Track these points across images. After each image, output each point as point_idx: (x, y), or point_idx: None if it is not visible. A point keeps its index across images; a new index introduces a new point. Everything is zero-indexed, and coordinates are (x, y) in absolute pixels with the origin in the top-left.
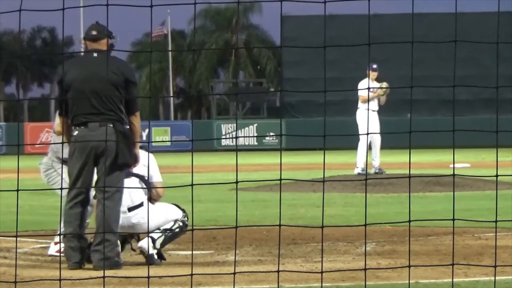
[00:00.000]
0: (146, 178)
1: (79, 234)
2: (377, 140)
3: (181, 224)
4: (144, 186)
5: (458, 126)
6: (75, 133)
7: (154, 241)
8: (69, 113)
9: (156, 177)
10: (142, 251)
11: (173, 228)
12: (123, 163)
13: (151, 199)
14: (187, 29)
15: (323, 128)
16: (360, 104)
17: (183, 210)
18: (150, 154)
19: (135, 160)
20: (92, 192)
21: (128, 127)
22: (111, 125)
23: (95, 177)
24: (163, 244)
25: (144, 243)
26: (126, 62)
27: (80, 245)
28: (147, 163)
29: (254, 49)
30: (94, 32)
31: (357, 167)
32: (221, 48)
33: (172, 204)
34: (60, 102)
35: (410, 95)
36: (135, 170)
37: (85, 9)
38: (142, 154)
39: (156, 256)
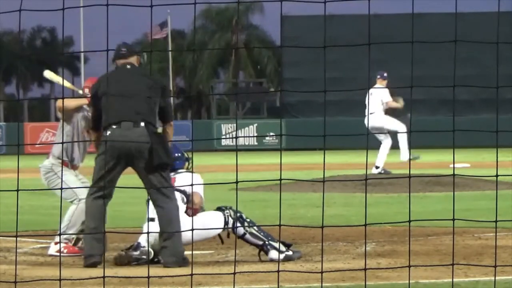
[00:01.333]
0: (187, 193)
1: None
2: (387, 142)
3: (243, 222)
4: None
5: (458, 126)
6: (108, 133)
7: (274, 247)
8: (103, 121)
9: (195, 189)
10: (274, 260)
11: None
12: (159, 163)
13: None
14: (187, 29)
15: (323, 128)
16: (377, 109)
17: (220, 209)
18: (198, 176)
19: (171, 159)
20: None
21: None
22: (143, 126)
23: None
24: (274, 238)
25: (273, 254)
26: (158, 76)
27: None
28: (190, 182)
29: (254, 49)
30: (124, 50)
31: (378, 167)
32: (221, 48)
33: (214, 210)
34: (94, 118)
35: (410, 95)
36: (176, 184)
37: (85, 9)
38: (189, 176)
39: (290, 252)
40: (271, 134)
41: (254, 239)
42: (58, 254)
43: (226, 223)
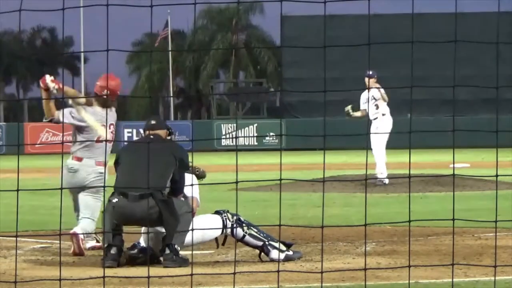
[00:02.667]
0: (186, 196)
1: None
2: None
3: (241, 224)
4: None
5: (458, 126)
6: (115, 200)
7: (274, 247)
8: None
9: (195, 194)
10: (275, 260)
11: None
12: (171, 230)
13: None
14: (187, 29)
15: (323, 128)
16: (379, 110)
17: (218, 213)
18: (194, 177)
19: (178, 220)
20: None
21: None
22: (150, 198)
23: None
24: (274, 238)
25: (274, 254)
26: (182, 147)
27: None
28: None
29: (254, 49)
30: (153, 122)
31: (382, 173)
32: (221, 48)
33: (212, 214)
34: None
35: (410, 95)
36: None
37: (85, 9)
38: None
39: (290, 252)
40: (271, 134)
41: (254, 240)
42: (99, 244)
43: (224, 226)
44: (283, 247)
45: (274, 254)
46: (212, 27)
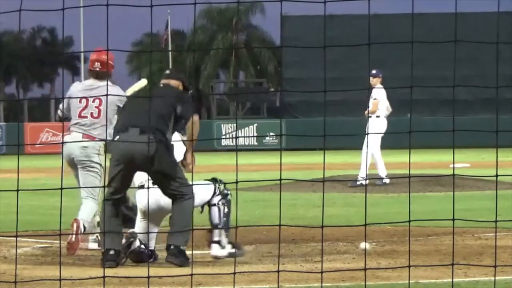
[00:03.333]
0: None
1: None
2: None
3: (223, 201)
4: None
5: (458, 126)
6: (116, 137)
7: (219, 242)
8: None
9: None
10: (218, 258)
11: (223, 214)
12: (160, 170)
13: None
14: (187, 29)
15: (323, 128)
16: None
17: (215, 181)
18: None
19: (174, 170)
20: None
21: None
22: (152, 134)
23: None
24: (227, 234)
25: (215, 251)
26: (189, 97)
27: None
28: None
29: (255, 49)
30: (167, 71)
31: (382, 175)
32: (221, 48)
33: (205, 180)
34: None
35: (410, 95)
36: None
37: (85, 9)
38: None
39: (233, 249)
40: (271, 134)
41: (214, 217)
42: (100, 248)
43: (214, 193)
44: (224, 243)
45: (215, 251)
46: (212, 27)
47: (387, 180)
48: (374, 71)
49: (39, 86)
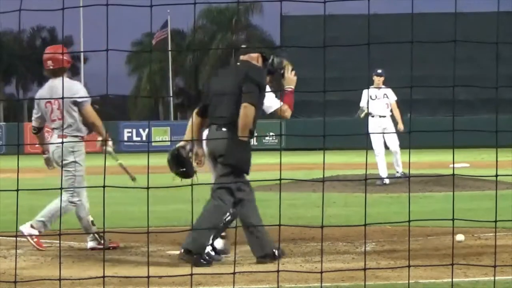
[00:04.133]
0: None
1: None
2: (393, 146)
3: (229, 217)
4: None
5: (458, 126)
6: (204, 133)
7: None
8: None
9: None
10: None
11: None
12: (227, 163)
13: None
14: (187, 29)
15: (323, 128)
16: (387, 112)
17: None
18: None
19: (243, 164)
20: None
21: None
22: (225, 129)
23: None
24: (214, 239)
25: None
26: (260, 68)
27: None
28: None
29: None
30: (243, 46)
31: (382, 175)
32: (221, 48)
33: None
34: (202, 105)
35: (410, 95)
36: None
37: (85, 9)
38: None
39: (212, 252)
40: (271, 134)
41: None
42: (100, 247)
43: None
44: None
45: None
46: (212, 27)
47: (387, 181)
48: (379, 71)
49: (39, 86)
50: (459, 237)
